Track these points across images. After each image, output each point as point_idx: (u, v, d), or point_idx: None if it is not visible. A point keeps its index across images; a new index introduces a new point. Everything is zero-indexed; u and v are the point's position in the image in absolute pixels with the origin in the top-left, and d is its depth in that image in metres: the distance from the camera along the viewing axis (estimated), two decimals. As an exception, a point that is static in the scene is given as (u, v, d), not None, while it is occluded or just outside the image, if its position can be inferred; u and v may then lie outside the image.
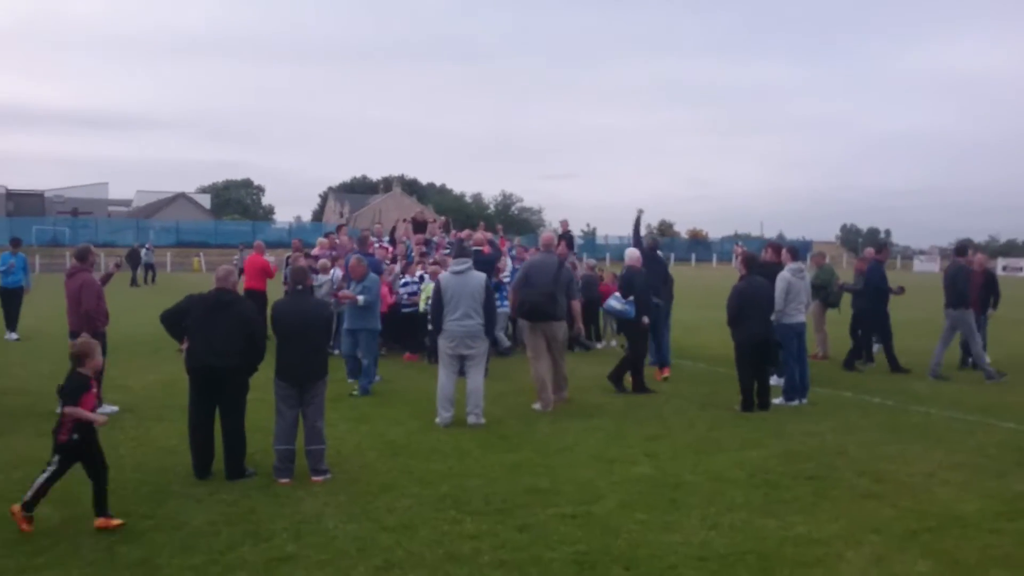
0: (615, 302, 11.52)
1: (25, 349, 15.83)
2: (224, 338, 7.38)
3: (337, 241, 16.27)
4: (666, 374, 12.61)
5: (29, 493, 6.20)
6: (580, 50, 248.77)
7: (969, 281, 13.32)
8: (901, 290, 14.87)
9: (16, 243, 17.91)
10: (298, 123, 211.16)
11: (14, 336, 17.04)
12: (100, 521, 6.19)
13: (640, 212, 13.42)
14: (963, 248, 14.39)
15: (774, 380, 11.24)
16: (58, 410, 9.65)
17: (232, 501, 6.80)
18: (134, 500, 6.81)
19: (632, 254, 11.92)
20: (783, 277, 10.92)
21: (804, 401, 10.84)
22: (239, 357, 7.41)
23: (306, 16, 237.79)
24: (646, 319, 11.46)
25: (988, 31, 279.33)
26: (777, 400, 10.69)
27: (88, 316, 9.62)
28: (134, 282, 36.29)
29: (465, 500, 6.85)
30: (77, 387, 6.35)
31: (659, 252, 13.21)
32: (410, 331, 14.72)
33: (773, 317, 10.77)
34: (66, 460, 6.32)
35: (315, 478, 7.33)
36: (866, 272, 14.38)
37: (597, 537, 6.05)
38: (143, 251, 38.52)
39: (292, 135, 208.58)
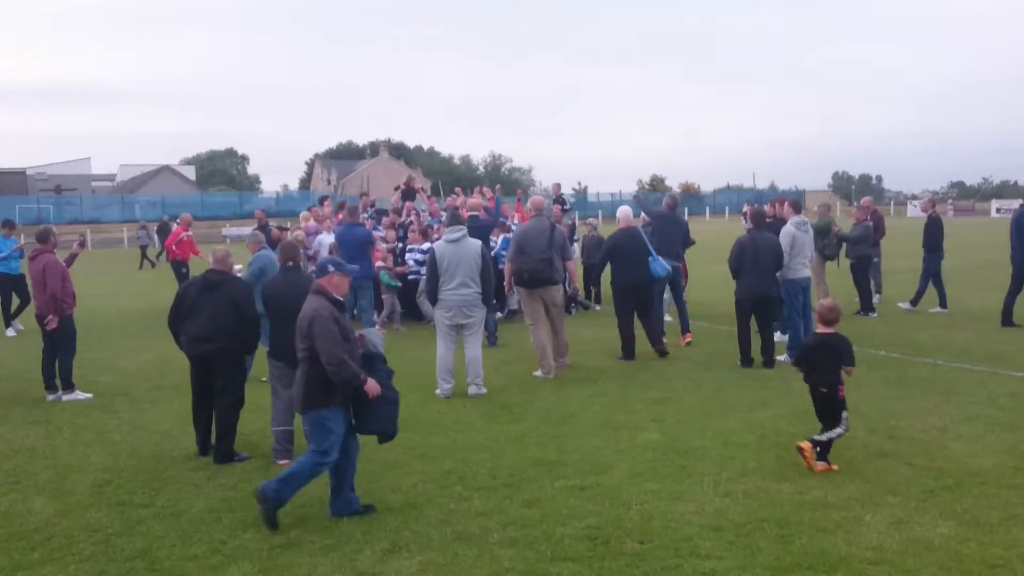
0: (657, 265, 11.19)
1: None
2: (211, 321, 7.18)
3: (321, 213, 15.96)
4: (688, 339, 12.11)
5: None
6: (566, 4, 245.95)
7: None
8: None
9: (10, 225, 15.41)
10: (280, 90, 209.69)
11: (11, 332, 15.12)
12: None
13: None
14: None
15: (778, 336, 11.09)
16: (48, 397, 9.54)
17: (232, 485, 6.63)
18: (131, 487, 6.64)
19: (624, 212, 11.65)
20: (787, 231, 10.69)
21: None
22: (227, 338, 7.19)
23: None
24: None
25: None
26: (782, 357, 10.51)
27: (54, 298, 9.36)
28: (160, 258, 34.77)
29: (471, 475, 6.68)
30: None
31: (678, 211, 12.86)
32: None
33: (778, 273, 10.56)
34: None
35: (316, 458, 7.13)
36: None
37: (608, 510, 5.88)
38: (174, 225, 37.03)
39: (274, 102, 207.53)
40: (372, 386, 5.83)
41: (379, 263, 14.13)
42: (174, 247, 17.32)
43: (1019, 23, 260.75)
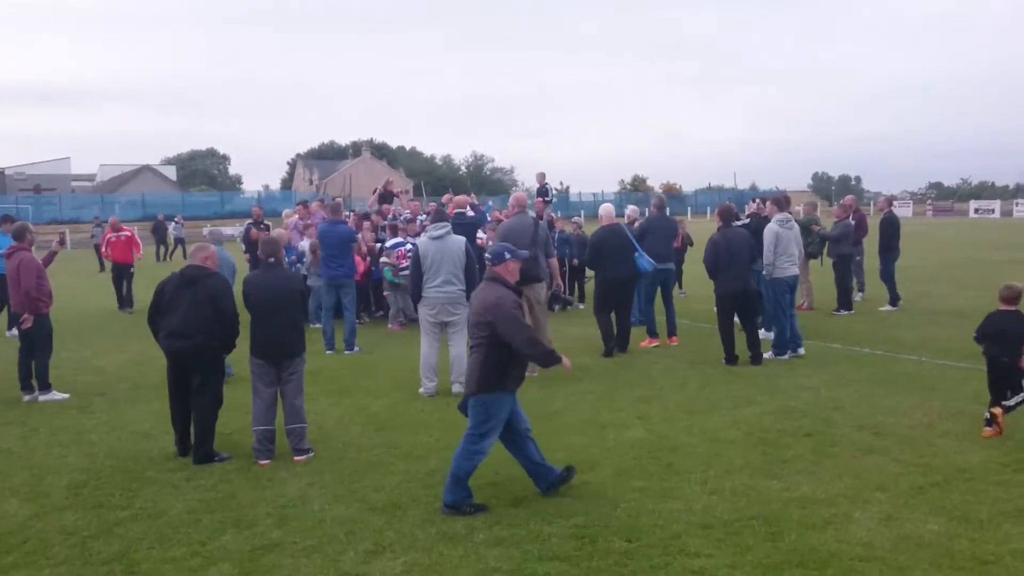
0: (643, 261, 11.19)
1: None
2: (187, 318, 7.04)
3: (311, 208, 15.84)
4: (674, 342, 12.00)
5: None
6: (546, 5, 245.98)
7: None
8: None
9: (9, 221, 14.18)
10: (261, 90, 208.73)
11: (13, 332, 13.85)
12: None
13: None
14: None
15: (763, 334, 11.06)
16: (25, 398, 9.36)
17: (211, 486, 6.49)
18: (108, 489, 6.49)
19: (607, 210, 11.64)
20: (771, 229, 10.65)
21: (801, 351, 10.62)
22: (205, 336, 7.05)
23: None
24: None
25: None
26: (767, 354, 10.48)
27: (28, 296, 9.17)
28: (159, 257, 34.48)
29: (455, 474, 6.57)
30: None
31: (667, 211, 12.82)
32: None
33: (764, 271, 10.54)
34: None
35: (297, 458, 7.03)
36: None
37: (595, 508, 5.81)
38: (172, 225, 36.33)
39: (255, 102, 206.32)
40: (567, 362, 6.00)
41: (383, 259, 14.04)
42: (104, 249, 17.41)
43: (996, 26, 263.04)
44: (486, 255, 6.51)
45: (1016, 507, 5.60)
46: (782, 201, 11.38)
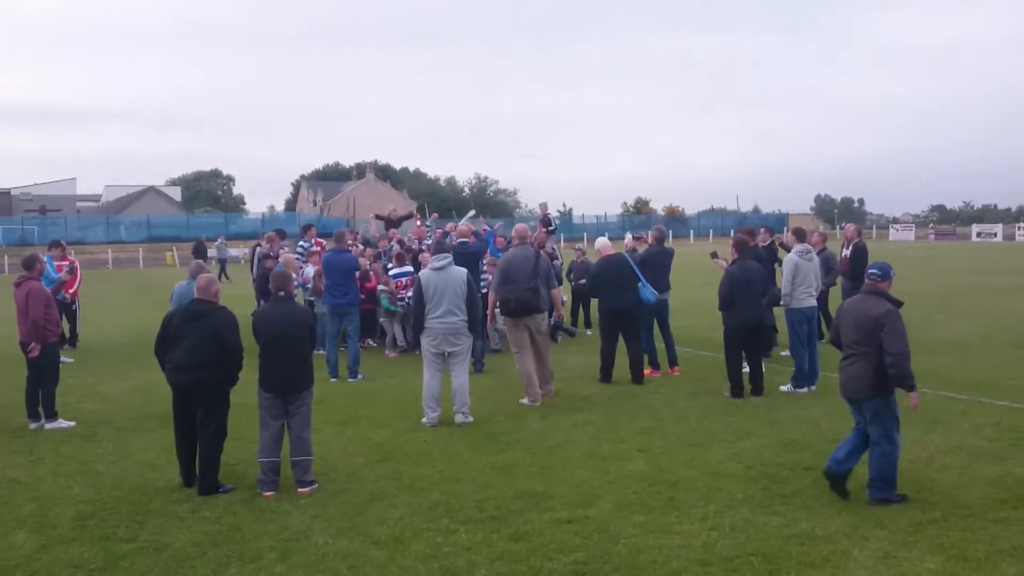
0: (647, 292, 11.29)
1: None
2: (192, 352, 7.12)
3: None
4: (676, 371, 12.01)
5: None
6: (549, 29, 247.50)
7: None
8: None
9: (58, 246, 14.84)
10: (265, 111, 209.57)
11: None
12: None
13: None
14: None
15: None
16: (31, 426, 9.44)
17: (216, 518, 6.55)
18: (114, 521, 6.55)
19: (603, 243, 11.76)
20: (790, 259, 10.69)
21: (813, 388, 10.58)
22: (210, 370, 7.13)
23: (269, 0, 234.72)
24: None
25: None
26: (785, 387, 10.53)
27: (36, 326, 9.27)
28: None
29: (457, 507, 6.64)
30: None
31: (666, 244, 12.87)
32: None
33: (783, 302, 10.59)
34: None
35: (301, 490, 7.09)
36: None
37: (596, 543, 5.86)
38: (215, 245, 35.76)
39: (260, 123, 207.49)
40: (916, 398, 6.65)
41: (380, 287, 14.15)
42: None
43: (999, 51, 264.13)
44: (869, 271, 6.94)
45: (1013, 545, 5.65)
46: (802, 232, 11.48)
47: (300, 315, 7.47)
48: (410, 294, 12.01)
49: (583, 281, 16.14)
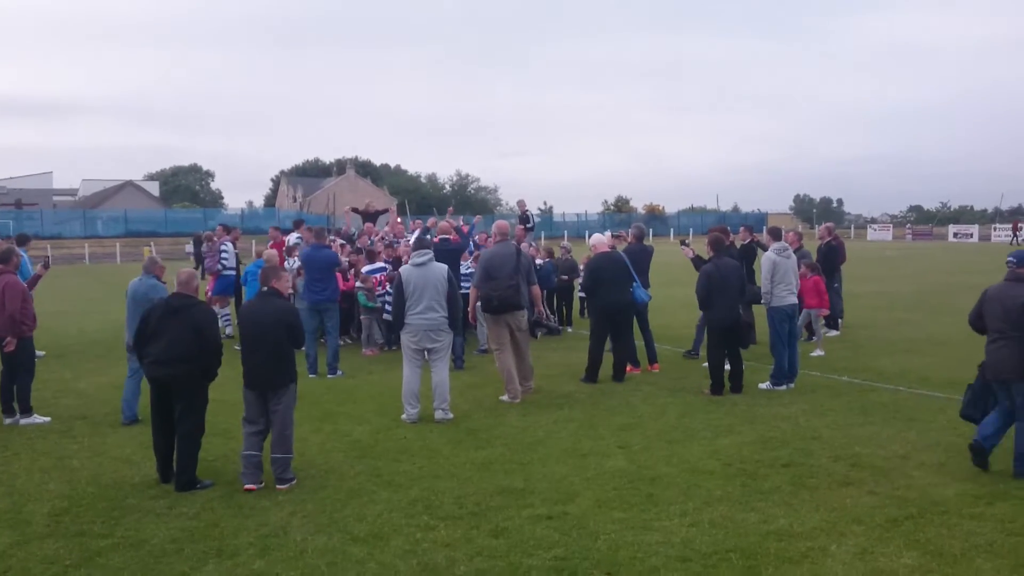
0: (641, 292, 11.28)
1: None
2: (171, 346, 7.08)
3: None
4: (655, 368, 12.05)
5: None
6: (531, 27, 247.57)
7: None
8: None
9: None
10: (244, 106, 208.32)
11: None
12: None
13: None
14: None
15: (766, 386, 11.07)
16: (6, 421, 9.33)
17: (193, 514, 6.51)
18: (90, 517, 6.49)
19: (598, 239, 11.70)
20: (768, 258, 10.72)
21: (792, 385, 10.61)
22: (189, 364, 7.09)
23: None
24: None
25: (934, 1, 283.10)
26: (764, 385, 10.59)
27: (13, 320, 9.16)
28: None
29: (437, 504, 6.63)
30: None
31: (645, 243, 12.90)
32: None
33: (763, 300, 10.63)
34: None
35: (280, 486, 7.06)
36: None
37: (575, 540, 5.86)
38: (191, 241, 35.25)
39: (239, 119, 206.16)
40: None
41: (358, 284, 14.09)
42: None
43: (976, 53, 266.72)
44: (1008, 259, 7.28)
45: (988, 541, 5.71)
46: (777, 231, 11.55)
47: (280, 312, 7.38)
48: (388, 291, 11.99)
49: (565, 277, 16.20)
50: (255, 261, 14.54)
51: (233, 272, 16.05)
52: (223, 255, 15.98)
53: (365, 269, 14.41)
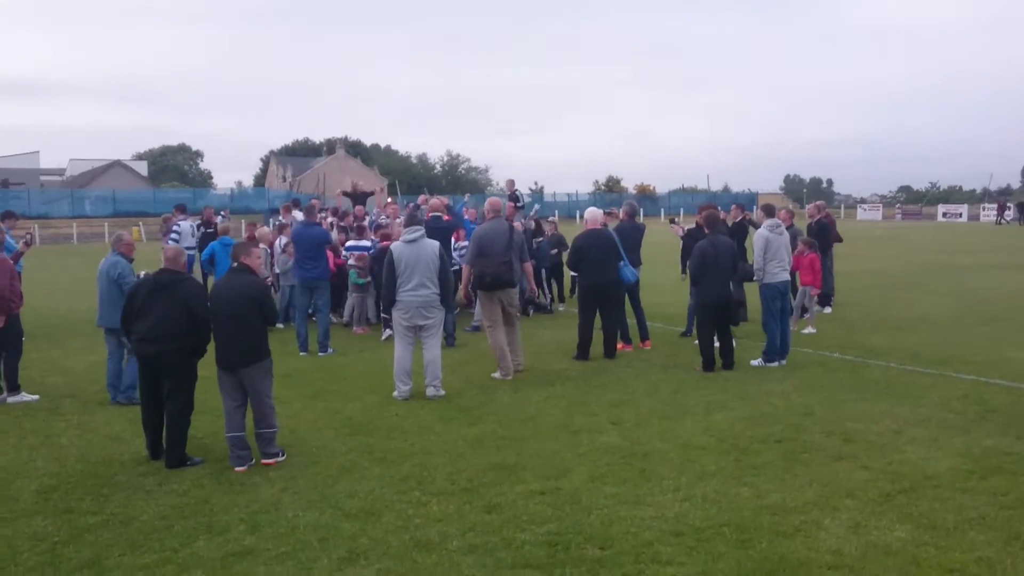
0: (628, 271, 11.24)
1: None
2: (159, 323, 7.00)
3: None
4: (647, 346, 11.99)
5: None
6: (522, 7, 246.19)
7: None
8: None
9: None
10: (234, 86, 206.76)
11: None
12: None
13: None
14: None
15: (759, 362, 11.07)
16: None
17: (183, 491, 6.46)
18: (78, 494, 6.43)
19: (592, 214, 11.61)
20: (760, 235, 10.68)
21: (783, 362, 10.60)
22: (177, 341, 7.02)
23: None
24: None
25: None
26: (756, 361, 10.57)
27: (1, 297, 9.04)
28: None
29: (429, 480, 6.59)
30: None
31: (637, 219, 12.83)
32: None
33: (756, 277, 10.60)
34: None
35: (265, 461, 7.01)
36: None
37: (568, 515, 5.83)
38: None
39: (228, 98, 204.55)
40: None
41: (350, 261, 13.99)
42: None
43: (966, 33, 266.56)
44: None
45: (980, 514, 5.70)
46: (771, 208, 11.50)
47: (247, 288, 7.15)
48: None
49: (555, 251, 16.14)
50: (220, 239, 14.48)
51: (193, 251, 16.48)
52: (173, 234, 16.94)
53: (348, 244, 14.29)
